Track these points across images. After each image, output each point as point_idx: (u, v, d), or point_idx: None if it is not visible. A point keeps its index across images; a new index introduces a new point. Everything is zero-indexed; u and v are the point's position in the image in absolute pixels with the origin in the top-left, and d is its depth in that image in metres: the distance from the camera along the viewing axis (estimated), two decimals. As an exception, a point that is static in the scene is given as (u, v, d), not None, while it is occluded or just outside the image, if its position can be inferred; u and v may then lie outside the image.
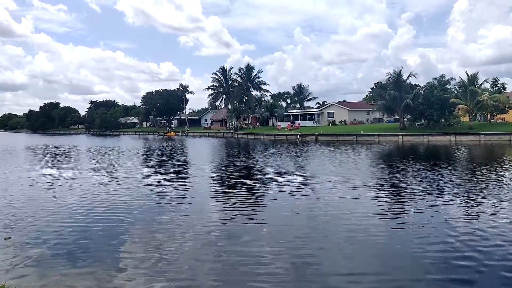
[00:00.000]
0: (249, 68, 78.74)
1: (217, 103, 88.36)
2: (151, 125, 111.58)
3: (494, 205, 10.99)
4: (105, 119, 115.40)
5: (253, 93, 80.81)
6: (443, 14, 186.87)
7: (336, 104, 71.61)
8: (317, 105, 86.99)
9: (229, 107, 79.51)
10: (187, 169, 22.35)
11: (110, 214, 10.86)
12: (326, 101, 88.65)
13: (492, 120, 50.39)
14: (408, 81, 49.65)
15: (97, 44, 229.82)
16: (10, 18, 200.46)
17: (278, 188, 14.75)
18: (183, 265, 7.02)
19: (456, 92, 45.29)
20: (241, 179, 17.55)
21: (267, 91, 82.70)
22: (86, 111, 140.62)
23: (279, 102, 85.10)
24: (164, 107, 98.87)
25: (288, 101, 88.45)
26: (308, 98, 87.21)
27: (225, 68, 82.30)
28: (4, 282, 6.14)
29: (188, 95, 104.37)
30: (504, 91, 49.59)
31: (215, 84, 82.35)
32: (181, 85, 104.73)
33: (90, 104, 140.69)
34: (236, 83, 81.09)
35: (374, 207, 11.09)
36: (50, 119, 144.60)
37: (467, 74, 45.08)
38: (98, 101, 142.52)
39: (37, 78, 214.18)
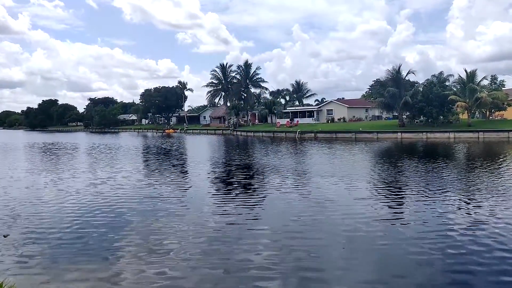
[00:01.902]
0: (248, 65, 78.50)
1: (216, 100, 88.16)
2: (150, 123, 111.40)
3: (495, 204, 10.98)
4: (104, 116, 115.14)
5: (252, 90, 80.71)
6: (442, 11, 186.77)
7: (335, 101, 71.55)
8: (316, 102, 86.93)
9: (228, 104, 79.35)
10: (186, 167, 22.33)
11: (108, 212, 10.84)
12: (325, 98, 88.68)
13: (491, 117, 50.39)
14: (407, 78, 49.66)
15: (95, 41, 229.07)
16: (6, 14, 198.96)
17: (278, 186, 14.73)
18: (180, 266, 6.96)
19: (455, 89, 45.27)
20: (240, 178, 17.53)
21: (266, 88, 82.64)
22: (84, 108, 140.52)
23: (278, 99, 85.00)
24: (163, 104, 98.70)
25: (287, 98, 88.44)
26: (307, 95, 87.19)
27: (224, 65, 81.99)
28: (3, 279, 6.12)
29: (187, 92, 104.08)
30: (503, 88, 49.54)
31: (214, 81, 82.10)
32: (179, 82, 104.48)
33: (89, 101, 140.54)
34: (235, 80, 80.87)
35: (375, 207, 11.02)
36: (49, 117, 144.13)
37: (465, 71, 45.10)
38: (96, 98, 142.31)
39: (35, 75, 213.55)
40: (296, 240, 8.10)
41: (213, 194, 13.69)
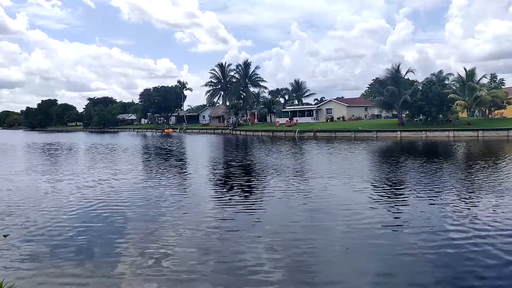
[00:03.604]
0: (247, 64, 78.39)
1: (215, 100, 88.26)
2: (149, 122, 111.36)
3: (496, 202, 10.95)
4: (103, 116, 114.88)
5: (251, 89, 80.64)
6: (441, 9, 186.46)
7: (334, 100, 71.56)
8: (315, 101, 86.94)
9: (227, 103, 79.33)
10: (185, 168, 22.32)
11: (107, 212, 10.82)
12: (324, 97, 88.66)
13: (490, 115, 50.40)
14: (406, 77, 49.65)
15: (93, 40, 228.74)
16: (4, 14, 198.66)
17: (277, 186, 14.70)
18: (177, 269, 6.91)
19: (454, 88, 45.28)
20: (239, 178, 17.50)
21: (265, 87, 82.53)
22: (84, 108, 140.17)
23: (277, 99, 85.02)
24: (162, 103, 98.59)
25: (286, 97, 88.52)
26: (306, 95, 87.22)
27: (223, 64, 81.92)
28: (2, 279, 6.10)
29: (186, 92, 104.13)
30: (503, 87, 49.56)
31: (213, 80, 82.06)
32: (179, 81, 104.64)
33: (88, 101, 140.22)
34: (234, 80, 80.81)
35: (376, 208, 10.94)
36: (48, 116, 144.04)
37: (465, 69, 45.10)
38: (95, 98, 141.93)
39: (34, 75, 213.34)
40: (296, 243, 8.02)
41: (211, 195, 13.65)
